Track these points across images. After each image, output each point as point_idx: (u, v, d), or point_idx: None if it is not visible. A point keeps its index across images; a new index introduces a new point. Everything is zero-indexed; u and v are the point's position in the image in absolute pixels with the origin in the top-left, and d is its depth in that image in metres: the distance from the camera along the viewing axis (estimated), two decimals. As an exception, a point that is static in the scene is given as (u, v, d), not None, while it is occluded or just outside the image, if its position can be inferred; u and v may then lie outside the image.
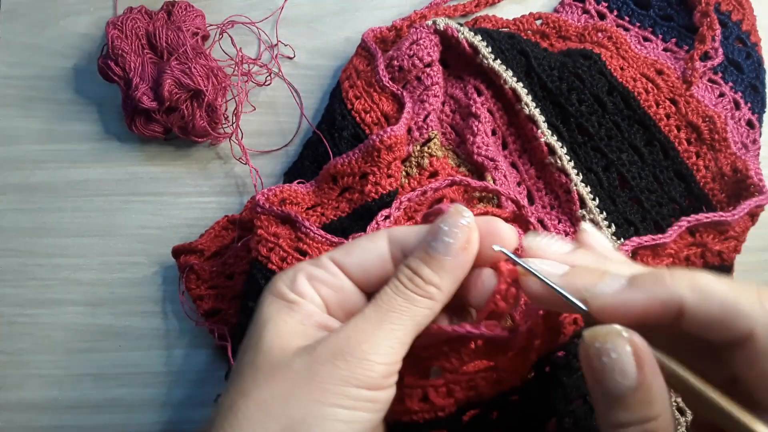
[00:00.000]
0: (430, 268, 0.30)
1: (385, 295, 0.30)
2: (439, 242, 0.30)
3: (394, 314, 0.29)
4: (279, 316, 0.31)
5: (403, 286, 0.30)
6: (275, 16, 0.59)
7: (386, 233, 0.33)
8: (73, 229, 0.55)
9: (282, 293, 0.32)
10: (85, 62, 0.58)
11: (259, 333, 0.30)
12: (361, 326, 0.29)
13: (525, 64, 0.53)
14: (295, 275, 0.32)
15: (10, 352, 0.53)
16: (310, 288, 0.32)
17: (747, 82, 0.55)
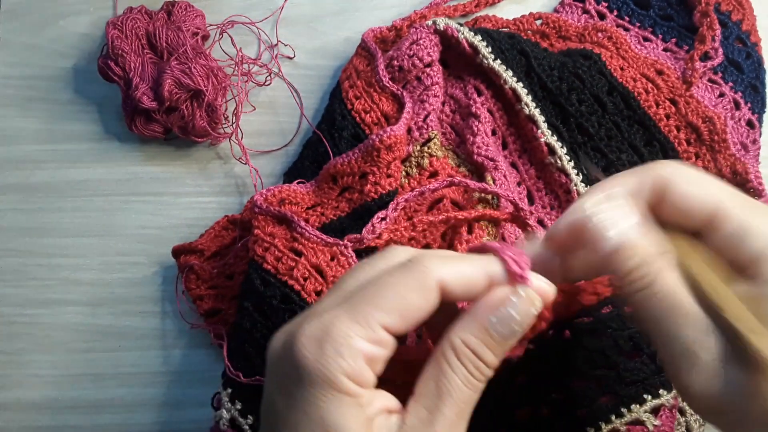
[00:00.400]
0: (494, 354, 0.29)
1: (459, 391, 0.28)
2: (506, 328, 0.29)
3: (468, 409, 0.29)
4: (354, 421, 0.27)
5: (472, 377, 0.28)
6: (275, 16, 0.59)
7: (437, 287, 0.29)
8: (73, 229, 0.55)
9: (347, 389, 0.27)
10: (85, 62, 0.58)
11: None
12: None
13: (525, 64, 0.53)
14: (356, 362, 0.27)
15: (10, 352, 0.53)
16: (370, 372, 0.28)
17: (747, 82, 0.55)
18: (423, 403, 0.28)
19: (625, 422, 0.43)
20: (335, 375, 0.27)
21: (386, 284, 0.28)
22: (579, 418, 0.44)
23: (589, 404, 0.44)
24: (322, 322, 0.28)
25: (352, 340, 0.27)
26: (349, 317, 0.28)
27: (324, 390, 0.27)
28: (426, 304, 0.28)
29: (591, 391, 0.44)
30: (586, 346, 0.44)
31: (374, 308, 0.28)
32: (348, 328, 0.27)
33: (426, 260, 0.29)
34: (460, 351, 0.28)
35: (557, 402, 0.44)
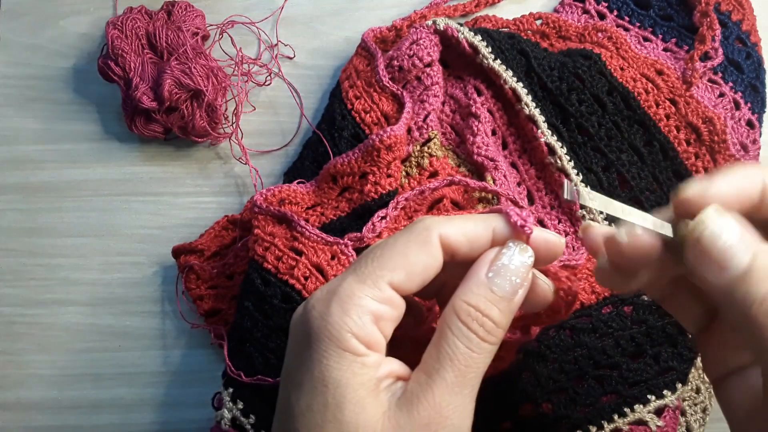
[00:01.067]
0: (498, 309, 0.28)
1: (459, 353, 0.28)
2: (505, 281, 0.29)
3: (472, 374, 0.28)
4: (355, 379, 0.27)
5: (477, 337, 0.28)
6: (275, 16, 0.59)
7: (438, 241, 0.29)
8: (72, 229, 0.55)
9: (352, 347, 0.27)
10: (85, 62, 0.58)
11: (338, 404, 0.27)
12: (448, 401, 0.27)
13: (525, 64, 0.53)
14: (360, 318, 0.27)
15: (10, 352, 0.53)
16: (378, 332, 0.28)
17: (747, 82, 0.55)
18: (423, 368, 0.28)
19: (628, 422, 0.44)
20: (339, 332, 0.27)
21: (389, 244, 0.29)
22: (581, 415, 0.44)
23: (591, 403, 0.44)
24: (330, 284, 0.29)
25: (358, 298, 0.28)
26: (356, 278, 0.28)
27: (328, 347, 0.27)
28: (430, 260, 0.29)
29: (593, 390, 0.44)
30: (588, 345, 0.45)
31: (378, 267, 0.28)
32: (354, 289, 0.28)
33: (427, 219, 0.30)
34: (461, 310, 0.28)
35: (559, 399, 0.44)
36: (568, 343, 0.45)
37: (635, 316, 0.46)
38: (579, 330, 0.45)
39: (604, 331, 0.45)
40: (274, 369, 0.45)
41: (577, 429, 0.43)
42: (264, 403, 0.46)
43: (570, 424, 0.44)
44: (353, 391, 0.27)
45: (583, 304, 0.47)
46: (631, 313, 0.46)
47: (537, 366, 0.44)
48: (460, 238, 0.29)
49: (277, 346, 0.45)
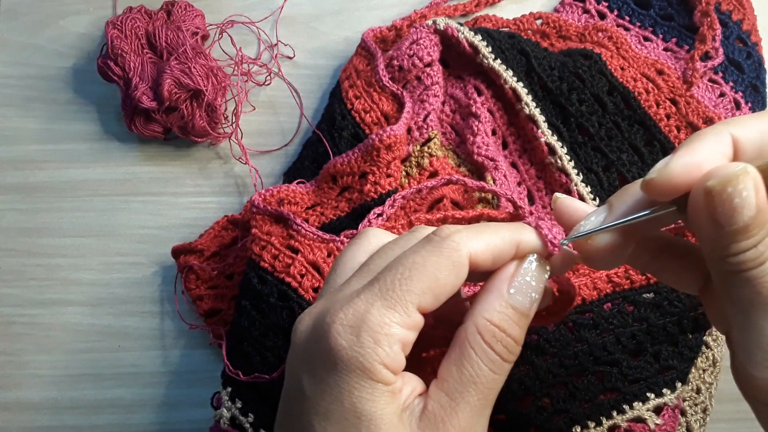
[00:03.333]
0: (519, 327, 0.28)
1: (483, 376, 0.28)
2: (525, 297, 0.28)
3: (493, 395, 0.28)
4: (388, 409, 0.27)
5: (501, 359, 0.28)
6: (275, 16, 0.59)
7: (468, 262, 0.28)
8: (72, 229, 0.55)
9: (383, 378, 0.27)
10: (85, 62, 0.58)
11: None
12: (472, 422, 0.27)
13: (525, 64, 0.53)
14: (391, 347, 0.27)
15: (10, 352, 0.52)
16: (403, 357, 0.27)
17: (747, 82, 0.55)
18: (445, 389, 0.28)
19: (626, 419, 0.44)
20: (372, 364, 0.26)
21: (417, 264, 0.27)
22: (580, 411, 0.44)
23: (590, 399, 0.44)
24: (356, 309, 0.27)
25: (389, 327, 0.27)
26: (385, 304, 0.27)
27: (360, 378, 0.26)
28: (457, 280, 0.28)
29: (592, 385, 0.44)
30: (588, 340, 0.45)
31: (408, 292, 0.27)
32: (384, 316, 0.27)
33: (455, 236, 0.28)
34: (486, 331, 0.28)
35: (558, 394, 0.44)
36: (568, 337, 0.45)
37: (637, 313, 0.45)
38: (580, 325, 0.45)
39: (605, 327, 0.45)
40: (272, 367, 0.45)
41: (575, 424, 0.44)
42: (262, 402, 0.46)
43: (568, 419, 0.44)
44: (388, 422, 0.27)
45: (585, 300, 0.47)
46: (633, 310, 0.46)
47: (536, 359, 0.44)
48: (487, 256, 0.29)
49: (273, 344, 0.45)
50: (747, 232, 0.25)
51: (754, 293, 0.25)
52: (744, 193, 0.24)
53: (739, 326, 0.26)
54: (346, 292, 0.29)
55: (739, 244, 0.25)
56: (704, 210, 0.25)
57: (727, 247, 0.25)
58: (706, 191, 0.25)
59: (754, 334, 0.25)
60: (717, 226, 0.25)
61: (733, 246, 0.25)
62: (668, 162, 0.26)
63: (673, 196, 0.27)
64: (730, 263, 0.25)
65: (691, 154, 0.26)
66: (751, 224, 0.24)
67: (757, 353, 0.25)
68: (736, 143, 0.26)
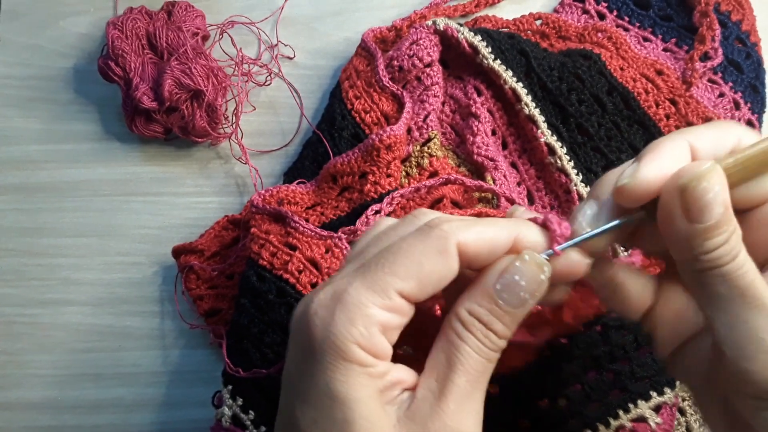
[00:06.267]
0: (502, 323, 0.28)
1: (471, 360, 0.27)
2: (513, 296, 0.27)
3: (482, 379, 0.28)
4: (364, 391, 0.26)
5: (484, 346, 0.27)
6: (275, 17, 0.59)
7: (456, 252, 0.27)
8: (73, 229, 0.55)
9: (358, 358, 0.26)
10: (86, 62, 0.58)
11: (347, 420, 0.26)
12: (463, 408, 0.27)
13: (525, 64, 0.53)
14: (369, 330, 0.26)
15: (10, 352, 0.53)
16: (385, 341, 0.27)
17: (747, 82, 0.55)
18: (433, 376, 0.27)
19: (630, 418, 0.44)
20: (345, 344, 0.26)
21: (402, 250, 0.27)
22: (591, 413, 0.44)
23: (601, 398, 0.44)
24: (335, 290, 0.27)
25: (365, 307, 0.26)
26: (363, 284, 0.26)
27: (333, 359, 0.26)
28: (445, 270, 0.27)
29: (604, 384, 0.44)
30: (612, 341, 0.44)
31: (389, 275, 0.26)
32: (361, 296, 0.26)
33: (445, 224, 0.27)
34: (467, 321, 0.27)
35: (575, 394, 0.44)
36: (596, 339, 0.44)
37: None
38: (609, 327, 0.44)
39: (627, 327, 0.45)
40: (271, 363, 0.45)
41: (586, 428, 0.43)
42: (263, 398, 0.46)
43: (581, 422, 0.44)
44: (363, 405, 0.26)
45: None
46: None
47: (564, 364, 0.44)
48: (480, 248, 0.27)
49: (272, 341, 0.45)
50: (719, 228, 0.25)
51: (732, 288, 0.25)
52: (716, 188, 0.25)
53: (723, 324, 0.26)
54: (335, 277, 0.28)
55: (713, 241, 0.25)
56: (677, 209, 0.25)
57: (701, 245, 0.25)
58: (681, 188, 0.25)
59: (742, 329, 0.25)
60: (690, 224, 0.25)
61: (706, 243, 0.25)
62: (637, 169, 0.27)
63: (644, 202, 0.27)
64: (705, 260, 0.25)
65: (656, 160, 0.27)
66: (722, 220, 0.25)
67: (748, 346, 0.25)
68: (693, 150, 0.27)
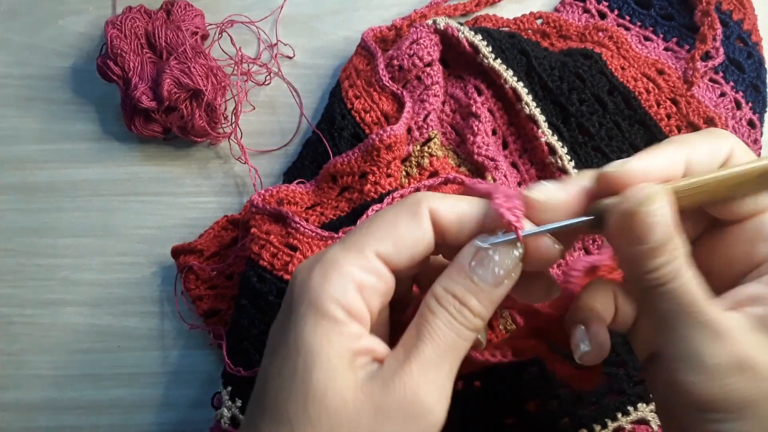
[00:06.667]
0: (477, 300, 0.28)
1: (440, 331, 0.27)
2: (488, 273, 0.28)
3: (450, 354, 0.27)
4: (330, 346, 0.26)
5: (455, 320, 0.27)
6: (275, 16, 0.59)
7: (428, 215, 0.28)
8: (72, 229, 0.55)
9: (329, 312, 0.26)
10: (84, 62, 0.58)
11: (307, 369, 0.26)
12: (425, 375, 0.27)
13: (525, 64, 0.53)
14: (343, 286, 0.27)
15: (9, 352, 0.52)
16: (361, 301, 0.27)
17: (748, 81, 0.55)
18: (402, 345, 0.28)
19: (630, 420, 0.44)
20: (319, 297, 0.26)
21: (379, 216, 0.29)
22: (587, 413, 0.44)
23: (597, 401, 0.44)
24: (317, 254, 0.28)
25: (340, 265, 0.27)
26: (342, 247, 0.28)
27: (306, 312, 0.26)
28: (419, 233, 0.28)
29: (600, 387, 0.44)
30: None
31: (366, 236, 0.28)
32: (338, 255, 0.27)
33: (419, 194, 0.29)
34: (441, 297, 0.28)
35: (566, 396, 0.44)
36: None
37: None
38: None
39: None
40: None
41: (581, 427, 0.44)
42: None
43: (575, 422, 0.44)
44: (326, 359, 0.26)
45: None
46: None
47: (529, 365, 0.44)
48: (451, 216, 0.28)
49: None
50: (663, 249, 0.26)
51: (675, 305, 0.26)
52: (659, 212, 0.26)
53: (668, 340, 0.27)
54: None
55: (656, 261, 0.26)
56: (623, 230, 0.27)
57: (645, 265, 0.26)
58: (625, 212, 0.26)
59: (684, 344, 0.26)
60: (634, 245, 0.26)
61: (649, 263, 0.26)
62: (627, 161, 0.28)
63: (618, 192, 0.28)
64: (649, 279, 0.27)
65: (648, 159, 0.28)
66: (665, 242, 0.26)
67: (689, 361, 0.26)
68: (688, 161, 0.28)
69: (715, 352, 0.26)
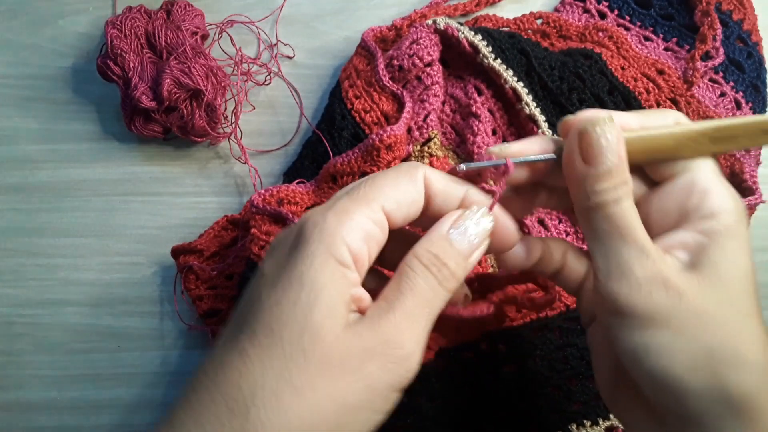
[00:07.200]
0: (455, 262, 0.30)
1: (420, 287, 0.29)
2: (464, 239, 0.31)
3: (428, 309, 0.30)
4: (334, 286, 0.28)
5: (435, 279, 0.30)
6: (275, 16, 0.59)
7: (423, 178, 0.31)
8: (71, 229, 0.55)
9: (339, 254, 0.28)
10: (84, 62, 0.58)
11: (310, 303, 0.27)
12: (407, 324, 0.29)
13: (525, 64, 0.53)
14: (354, 233, 0.29)
15: (9, 352, 0.52)
16: (366, 251, 0.29)
17: (748, 81, 0.55)
18: (384, 298, 0.29)
19: None
20: (334, 238, 0.28)
21: (381, 176, 0.31)
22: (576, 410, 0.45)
23: (585, 401, 0.45)
24: (326, 204, 0.30)
25: (353, 213, 0.29)
26: (350, 198, 0.30)
27: (318, 248, 0.28)
28: (416, 195, 0.31)
29: (588, 389, 0.45)
30: (578, 345, 0.45)
31: (372, 191, 0.30)
32: (348, 205, 0.29)
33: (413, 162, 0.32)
34: (422, 256, 0.30)
35: (554, 395, 0.44)
36: (556, 342, 0.46)
37: None
38: (567, 331, 0.46)
39: None
40: None
41: (571, 422, 0.44)
42: None
43: (564, 417, 0.45)
44: (329, 296, 0.27)
45: (569, 307, 0.47)
46: None
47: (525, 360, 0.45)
48: (439, 185, 0.32)
49: None
50: (610, 176, 0.29)
51: (612, 226, 0.30)
52: (609, 135, 0.29)
53: (600, 253, 0.30)
54: None
55: (602, 184, 0.29)
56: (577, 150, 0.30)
57: (592, 186, 0.30)
58: (580, 131, 0.30)
59: (615, 258, 0.30)
60: (586, 167, 0.30)
61: (597, 186, 0.30)
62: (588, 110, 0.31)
63: None
64: (594, 201, 0.30)
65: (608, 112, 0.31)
66: (614, 170, 0.29)
67: (615, 270, 0.30)
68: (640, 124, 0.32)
69: (643, 268, 0.29)
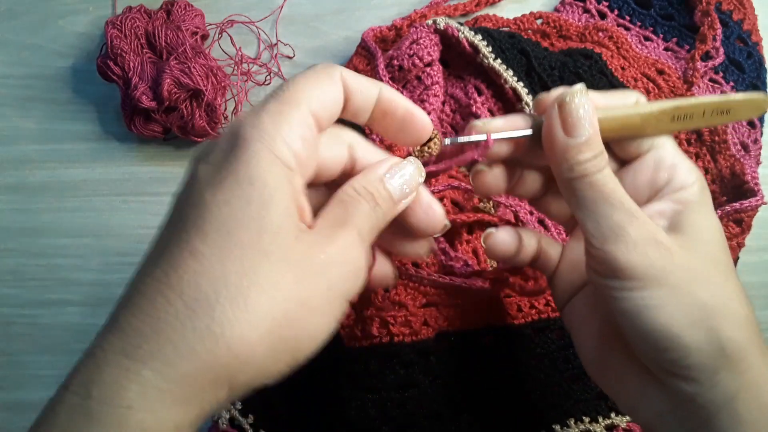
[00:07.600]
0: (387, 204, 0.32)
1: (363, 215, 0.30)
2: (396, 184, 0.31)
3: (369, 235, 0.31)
4: (283, 187, 0.27)
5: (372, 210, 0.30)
6: (275, 16, 0.59)
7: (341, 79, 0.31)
8: (71, 229, 0.55)
9: (284, 156, 0.27)
10: (84, 62, 0.58)
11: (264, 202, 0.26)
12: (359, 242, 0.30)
13: (525, 64, 0.53)
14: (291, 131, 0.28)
15: (9, 352, 0.52)
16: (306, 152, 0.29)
17: (748, 81, 0.55)
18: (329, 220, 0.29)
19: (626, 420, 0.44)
20: (274, 138, 0.27)
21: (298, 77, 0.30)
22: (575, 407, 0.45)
23: (585, 399, 0.45)
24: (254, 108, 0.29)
25: (287, 114, 0.28)
26: (276, 101, 0.28)
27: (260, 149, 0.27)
28: (336, 94, 0.30)
29: (589, 389, 0.45)
30: None
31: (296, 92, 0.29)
32: (279, 107, 0.28)
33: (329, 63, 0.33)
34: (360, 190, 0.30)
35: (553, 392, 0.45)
36: (557, 343, 0.46)
37: None
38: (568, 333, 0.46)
39: None
40: None
41: (569, 417, 0.45)
42: (262, 402, 0.46)
43: (562, 412, 0.45)
44: (282, 197, 0.27)
45: None
46: None
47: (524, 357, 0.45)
48: (356, 84, 0.31)
49: None
50: (589, 145, 0.31)
51: (597, 192, 0.31)
52: (585, 105, 0.31)
53: (590, 220, 0.31)
54: None
55: (584, 154, 0.31)
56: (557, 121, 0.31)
57: (574, 157, 0.31)
58: (558, 102, 0.32)
59: (607, 221, 0.31)
60: (566, 138, 0.31)
61: (578, 155, 0.31)
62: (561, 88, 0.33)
63: None
64: (577, 170, 0.31)
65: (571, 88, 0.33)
66: (591, 140, 0.31)
67: (609, 233, 0.31)
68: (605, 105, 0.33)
69: (637, 228, 0.30)
